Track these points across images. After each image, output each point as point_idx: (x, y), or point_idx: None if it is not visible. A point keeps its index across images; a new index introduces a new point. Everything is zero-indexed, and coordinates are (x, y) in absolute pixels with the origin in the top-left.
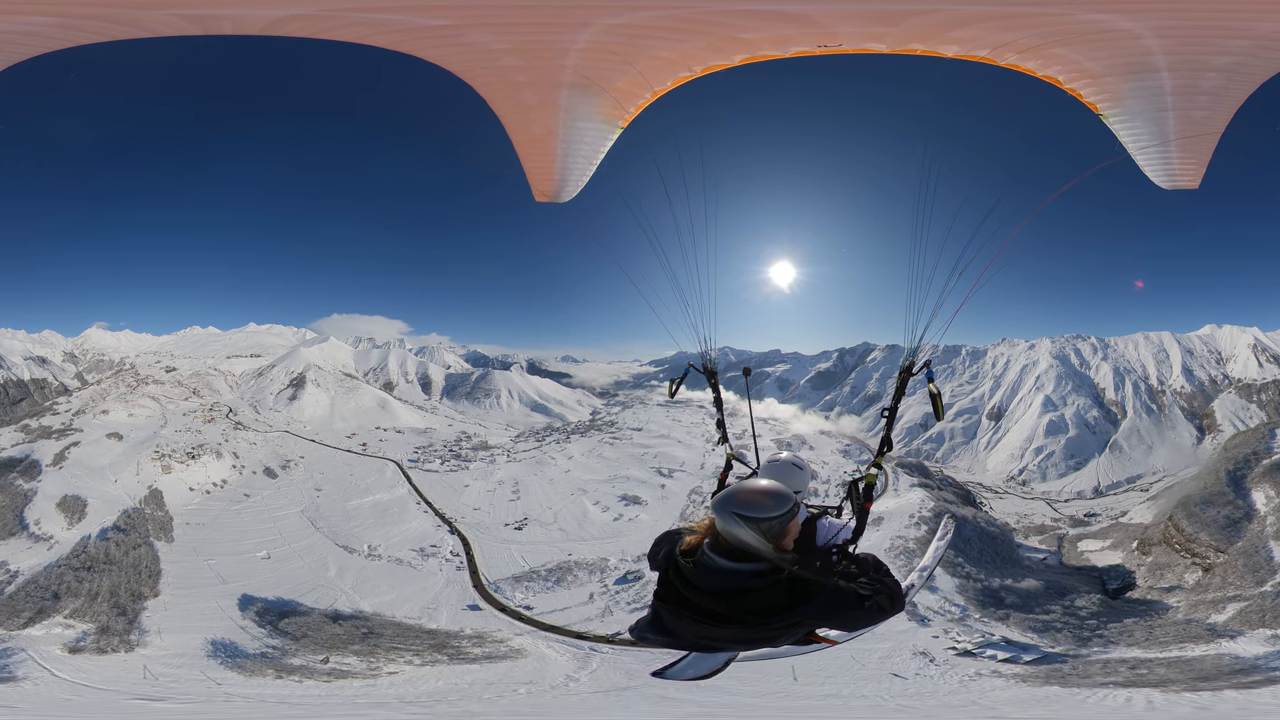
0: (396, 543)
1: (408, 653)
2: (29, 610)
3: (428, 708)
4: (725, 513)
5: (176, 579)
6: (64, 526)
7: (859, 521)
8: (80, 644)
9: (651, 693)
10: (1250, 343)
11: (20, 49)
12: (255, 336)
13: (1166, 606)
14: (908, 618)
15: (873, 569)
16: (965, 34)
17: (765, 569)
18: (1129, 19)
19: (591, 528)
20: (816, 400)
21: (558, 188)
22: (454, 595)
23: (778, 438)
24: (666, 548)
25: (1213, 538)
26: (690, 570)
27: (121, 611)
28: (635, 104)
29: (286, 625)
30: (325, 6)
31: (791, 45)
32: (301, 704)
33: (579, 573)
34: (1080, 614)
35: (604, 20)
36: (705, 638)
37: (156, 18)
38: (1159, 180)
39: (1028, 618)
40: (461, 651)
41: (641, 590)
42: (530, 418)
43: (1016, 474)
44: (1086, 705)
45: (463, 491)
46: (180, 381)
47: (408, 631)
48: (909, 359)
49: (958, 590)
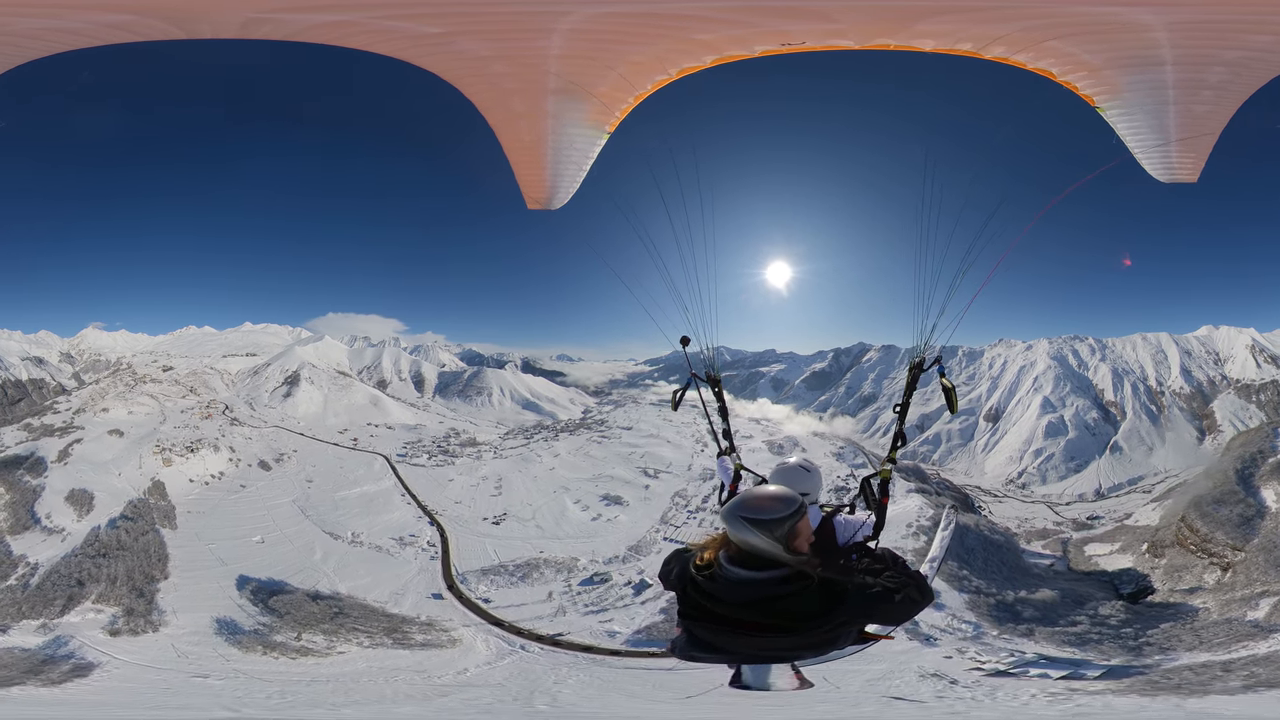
0: (378, 531)
1: (362, 634)
2: (60, 598)
3: (305, 686)
4: (733, 519)
5: (183, 562)
6: (74, 519)
7: (878, 518)
8: (115, 626)
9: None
10: (1248, 343)
11: (21, 52)
12: (251, 336)
13: (1193, 608)
14: (909, 637)
15: (894, 563)
16: (936, 26)
17: (789, 574)
18: (1143, 11)
19: (568, 526)
20: (811, 400)
21: (549, 195)
22: (423, 583)
23: (770, 439)
24: (678, 566)
25: (1229, 536)
26: (709, 585)
27: (140, 593)
28: (620, 108)
29: (274, 603)
30: (342, 15)
31: (755, 45)
32: (272, 681)
33: (546, 570)
34: (1110, 623)
35: (565, 24)
36: (761, 649)
37: (149, 25)
38: (1157, 174)
39: (1055, 631)
40: (406, 637)
41: (605, 593)
42: (521, 415)
43: (1016, 476)
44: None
45: (447, 485)
46: (177, 380)
47: (372, 614)
48: (919, 355)
49: (968, 606)
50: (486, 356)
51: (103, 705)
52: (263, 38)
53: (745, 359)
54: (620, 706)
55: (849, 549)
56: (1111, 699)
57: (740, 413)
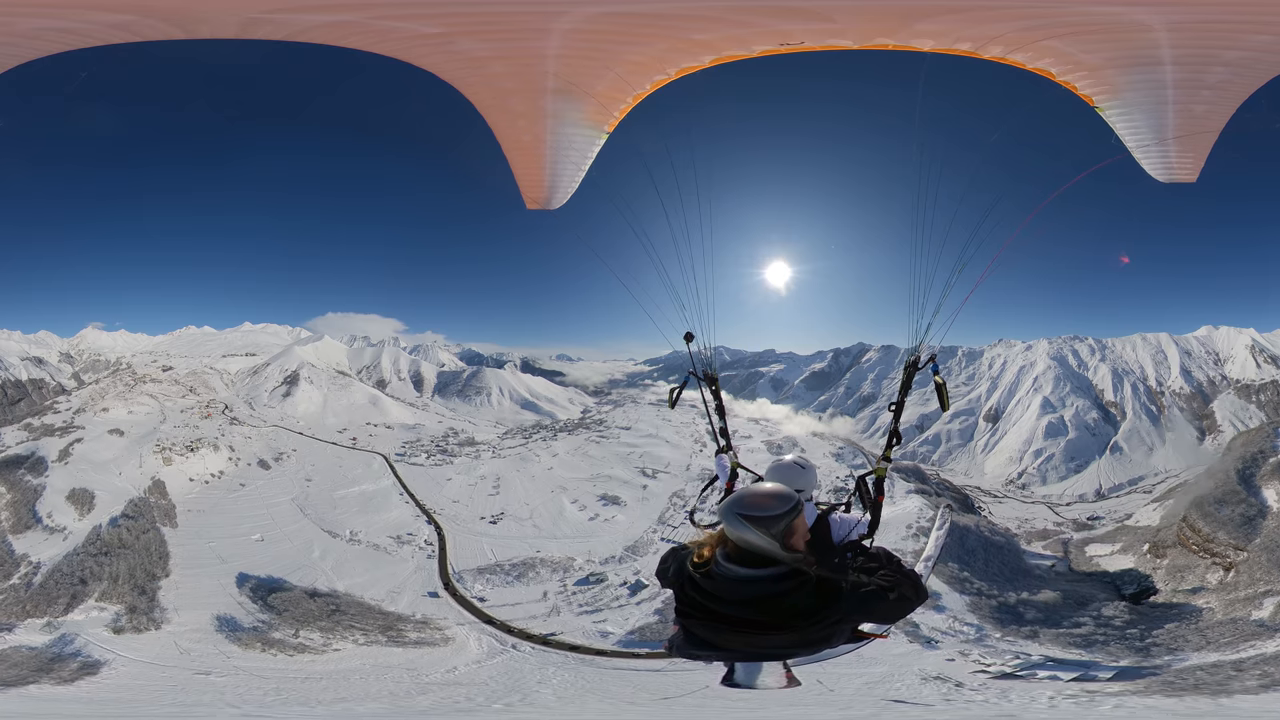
0: (376, 529)
1: (358, 631)
2: (64, 597)
3: (300, 683)
4: (730, 516)
5: (183, 560)
6: (75, 518)
7: (873, 516)
8: (119, 624)
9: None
10: (1248, 344)
11: (21, 52)
12: (250, 335)
13: (1197, 609)
14: (909, 639)
15: (888, 561)
16: (934, 26)
17: (786, 572)
18: (1142, 11)
19: (565, 526)
20: (811, 401)
21: (548, 195)
22: (419, 581)
23: (769, 439)
24: (675, 564)
25: (1231, 536)
26: (706, 583)
27: (142, 591)
28: (618, 108)
29: (273, 600)
30: (340, 16)
31: (753, 45)
32: (269, 678)
33: (542, 570)
34: (1114, 624)
35: (563, 24)
36: (757, 647)
37: (149, 25)
38: (1156, 174)
39: (1060, 633)
40: (401, 635)
41: (600, 594)
42: (520, 415)
43: (1016, 477)
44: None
45: (445, 485)
46: (177, 380)
47: (368, 612)
48: (914, 354)
49: (969, 608)
50: (486, 356)
51: (132, 703)
52: (262, 38)
53: (745, 359)
54: (593, 708)
55: (844, 547)
56: (1136, 700)
57: (739, 413)
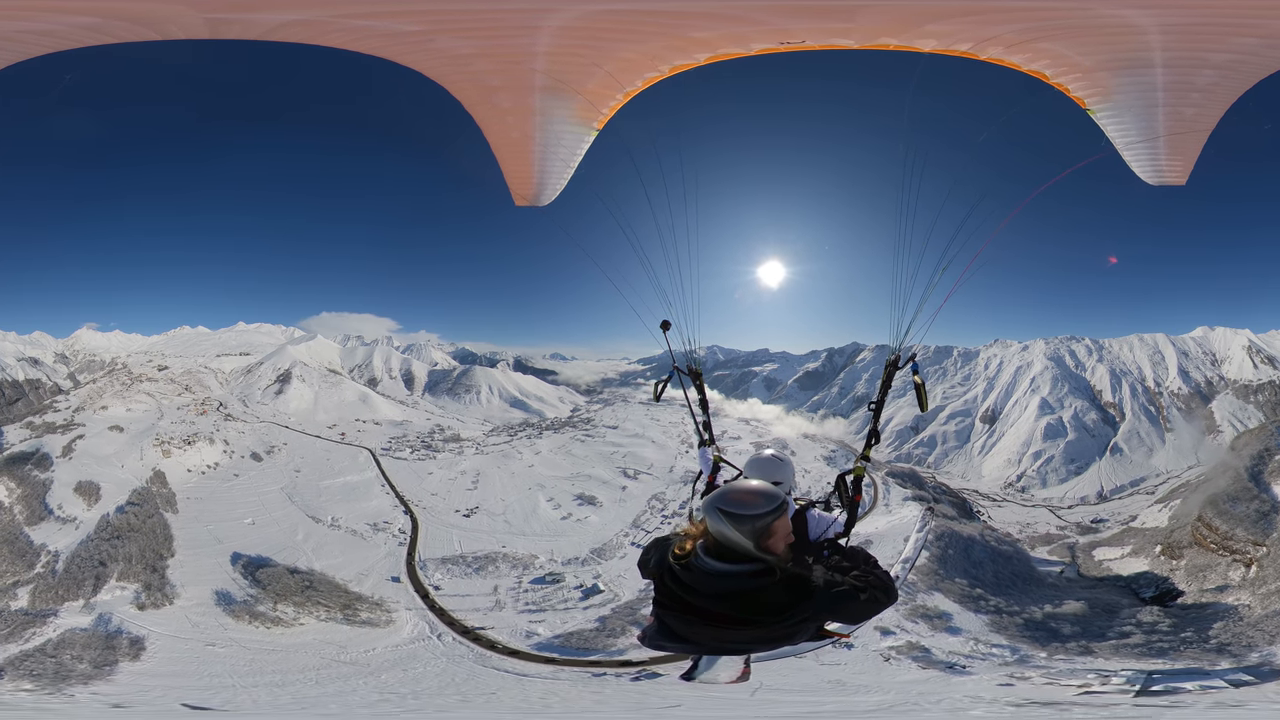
0: (355, 517)
1: (323, 608)
2: (89, 579)
3: (267, 655)
4: (713, 511)
5: (186, 542)
6: (84, 508)
7: (850, 515)
8: (140, 601)
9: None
10: (1244, 344)
11: (27, 47)
12: (244, 335)
13: (1229, 606)
14: (920, 666)
15: (863, 561)
16: (936, 27)
17: (760, 569)
18: (1136, 14)
19: (536, 523)
20: (804, 400)
21: (536, 191)
22: (387, 566)
23: (758, 440)
24: (657, 555)
25: (1249, 532)
26: (685, 575)
27: (153, 569)
28: (608, 105)
29: (260, 575)
30: (311, 14)
31: (752, 43)
32: (251, 648)
33: (502, 565)
34: (1160, 629)
35: (552, 21)
36: (724, 642)
37: (118, 26)
38: (1145, 176)
39: (1118, 644)
40: (355, 614)
41: (551, 594)
42: (508, 413)
43: (1015, 480)
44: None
45: (426, 478)
46: (172, 379)
47: (335, 590)
48: (894, 354)
49: (991, 628)
50: (479, 355)
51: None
52: (233, 38)
53: (738, 358)
54: (450, 708)
55: (820, 545)
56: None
57: (730, 413)
